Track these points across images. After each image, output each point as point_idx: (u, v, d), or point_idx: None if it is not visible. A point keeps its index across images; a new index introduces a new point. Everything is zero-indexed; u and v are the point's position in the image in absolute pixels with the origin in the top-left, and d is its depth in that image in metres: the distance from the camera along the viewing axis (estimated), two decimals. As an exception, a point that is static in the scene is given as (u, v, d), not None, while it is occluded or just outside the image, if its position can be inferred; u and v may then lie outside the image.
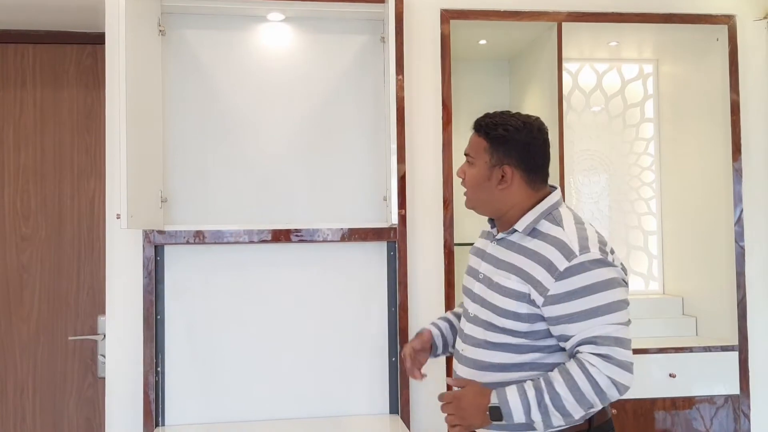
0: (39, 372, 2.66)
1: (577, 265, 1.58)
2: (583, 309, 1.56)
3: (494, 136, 1.72)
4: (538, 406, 1.55)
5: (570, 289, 1.57)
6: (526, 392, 1.57)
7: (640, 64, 3.36)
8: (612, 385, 1.54)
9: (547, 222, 1.69)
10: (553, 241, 1.63)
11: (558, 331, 1.61)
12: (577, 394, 1.54)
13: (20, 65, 2.71)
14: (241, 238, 2.34)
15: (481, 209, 1.80)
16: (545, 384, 1.56)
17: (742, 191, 2.81)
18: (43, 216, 2.69)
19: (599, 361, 1.54)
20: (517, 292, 1.64)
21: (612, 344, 1.55)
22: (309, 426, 2.35)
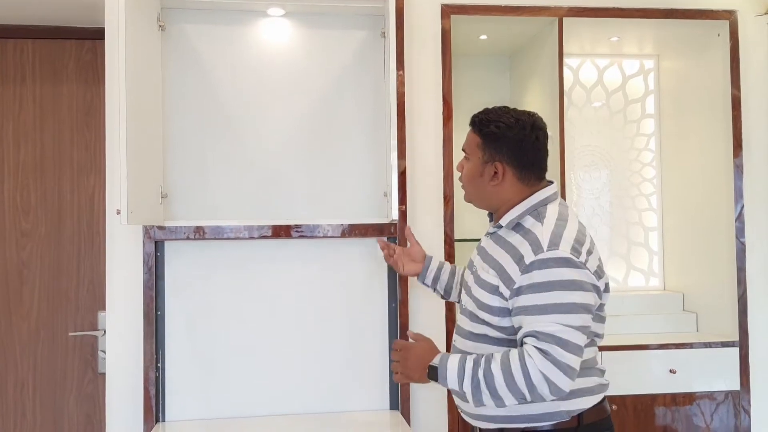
0: (39, 368, 2.66)
1: (540, 260, 1.60)
2: (537, 304, 1.58)
3: (486, 133, 1.75)
4: (471, 379, 1.59)
5: (530, 283, 1.60)
6: (465, 362, 1.62)
7: (641, 60, 3.36)
8: (544, 381, 1.53)
9: (531, 218, 1.71)
10: (528, 236, 1.66)
11: (516, 321, 1.64)
12: (509, 378, 1.55)
13: (19, 60, 2.70)
14: (241, 234, 2.33)
15: (477, 203, 1.86)
16: (484, 361, 1.60)
17: (743, 187, 2.81)
18: (43, 212, 2.69)
19: (537, 355, 1.54)
20: (491, 285, 1.69)
21: (552, 342, 1.54)
22: (309, 421, 2.35)
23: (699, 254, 3.07)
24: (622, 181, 3.36)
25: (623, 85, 3.36)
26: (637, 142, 3.37)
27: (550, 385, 1.53)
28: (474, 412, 1.77)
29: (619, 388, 2.72)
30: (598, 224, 3.33)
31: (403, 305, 2.43)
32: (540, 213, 1.71)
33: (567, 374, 1.53)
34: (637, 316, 3.07)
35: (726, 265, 2.87)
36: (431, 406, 2.51)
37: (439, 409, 2.51)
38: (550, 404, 1.66)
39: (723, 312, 2.89)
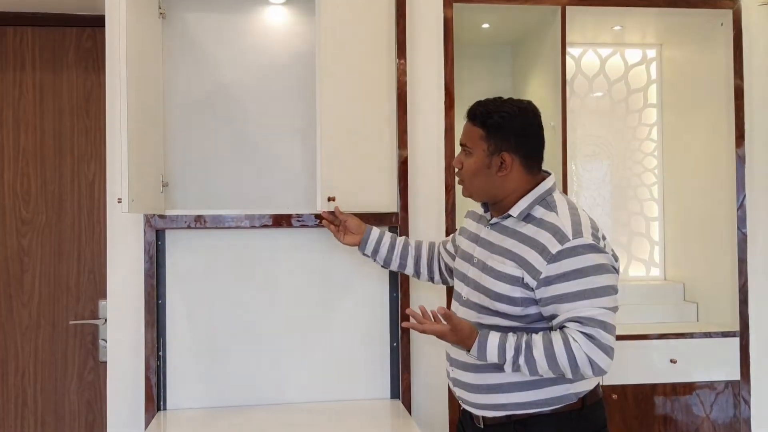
0: (40, 356, 2.66)
1: (569, 248, 1.62)
2: (573, 291, 1.61)
3: (490, 124, 1.74)
4: (512, 365, 1.63)
5: (561, 272, 1.62)
6: (505, 350, 1.63)
7: (644, 49, 3.34)
8: (588, 363, 1.59)
9: (541, 208, 1.72)
10: (547, 226, 1.67)
11: (548, 311, 1.66)
12: (552, 362, 1.60)
13: (19, 48, 2.69)
14: (242, 223, 2.33)
15: (480, 196, 1.83)
16: (525, 346, 1.62)
17: (744, 177, 2.80)
18: (43, 200, 2.68)
19: (582, 339, 1.59)
20: (512, 276, 1.68)
21: (597, 326, 1.59)
22: (310, 410, 2.36)
23: (700, 244, 3.07)
24: (624, 171, 3.35)
25: (625, 74, 3.34)
26: (639, 131, 3.36)
27: (593, 366, 1.59)
28: (480, 402, 1.77)
29: (620, 378, 2.72)
30: (599, 214, 3.33)
31: (404, 295, 2.43)
32: (549, 203, 1.73)
33: (609, 355, 1.60)
34: (637, 306, 3.08)
35: (727, 255, 2.87)
36: (432, 395, 2.51)
37: (440, 398, 2.51)
38: (558, 388, 1.70)
39: (723, 302, 2.90)
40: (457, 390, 1.86)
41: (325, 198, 2.25)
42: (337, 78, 2.30)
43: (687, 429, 2.76)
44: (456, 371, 1.84)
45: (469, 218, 1.98)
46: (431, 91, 2.55)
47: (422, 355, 2.51)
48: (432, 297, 2.51)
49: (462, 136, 1.82)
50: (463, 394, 1.83)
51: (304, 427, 2.21)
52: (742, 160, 2.80)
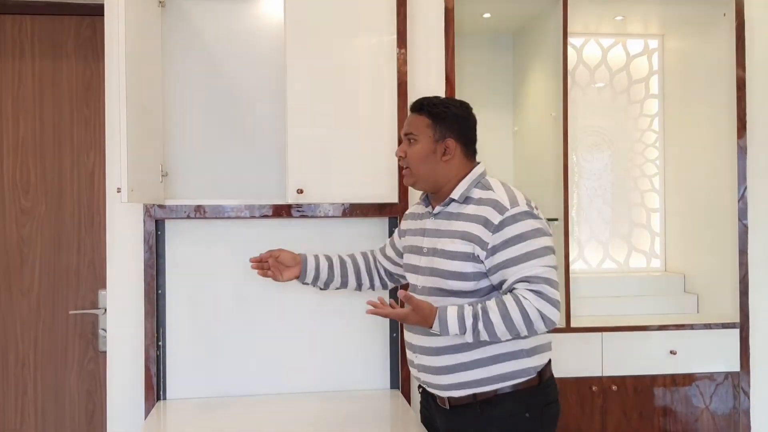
0: (40, 345, 2.66)
1: (509, 217, 1.78)
2: (517, 255, 1.75)
3: (436, 113, 1.90)
4: (472, 331, 1.72)
5: (505, 239, 1.77)
6: (464, 319, 1.73)
7: (646, 39, 3.33)
8: (540, 317, 1.71)
9: (477, 189, 1.87)
10: (487, 202, 1.83)
11: (497, 278, 1.79)
12: (508, 323, 1.71)
13: (18, 36, 2.67)
14: (242, 213, 2.33)
15: (423, 183, 1.94)
16: (482, 312, 1.72)
17: (746, 168, 2.79)
18: (43, 189, 2.67)
19: (531, 296, 1.71)
20: (463, 252, 1.81)
21: (543, 282, 1.73)
22: (309, 400, 2.36)
23: (701, 236, 3.06)
24: (625, 161, 3.34)
25: (627, 64, 3.33)
26: (640, 122, 3.35)
27: (544, 319, 1.72)
28: (446, 383, 1.86)
29: (619, 369, 2.73)
30: (600, 205, 3.32)
31: (404, 286, 2.43)
32: (484, 184, 1.88)
33: (557, 308, 1.73)
34: (638, 298, 3.08)
35: (728, 246, 2.86)
36: (431, 386, 2.51)
37: (440, 389, 2.51)
38: (518, 362, 1.82)
39: (724, 294, 2.89)
40: (423, 375, 1.93)
41: (294, 190, 2.29)
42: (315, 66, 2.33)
43: (686, 420, 2.77)
44: (420, 357, 1.91)
45: (408, 219, 2.09)
46: (432, 81, 2.53)
47: (422, 346, 2.51)
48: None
49: (406, 127, 1.95)
50: (428, 378, 1.91)
51: (304, 416, 2.22)
52: (743, 151, 2.79)
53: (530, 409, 1.84)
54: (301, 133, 2.33)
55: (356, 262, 2.20)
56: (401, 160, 1.95)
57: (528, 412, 1.84)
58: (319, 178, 2.35)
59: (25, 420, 2.65)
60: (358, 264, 2.20)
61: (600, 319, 2.87)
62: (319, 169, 2.35)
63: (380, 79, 2.40)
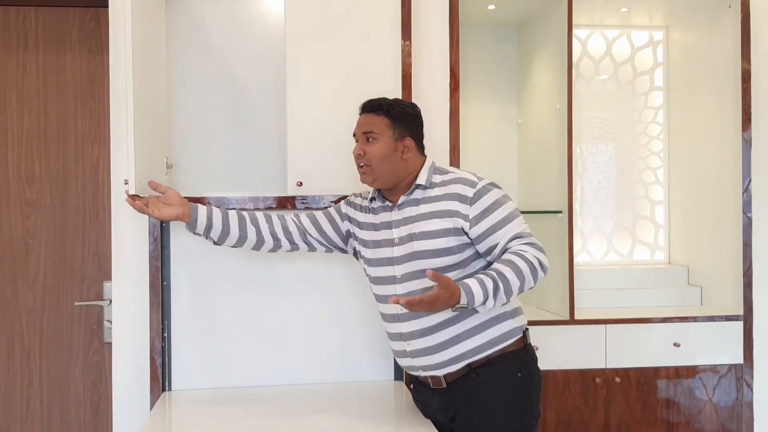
0: (45, 337, 2.67)
1: (481, 188, 1.94)
2: (500, 219, 1.91)
3: (395, 114, 2.01)
4: (494, 294, 1.79)
5: (484, 208, 1.92)
6: (485, 284, 1.79)
7: (650, 31, 3.32)
8: (540, 265, 1.86)
9: (437, 174, 2.02)
10: (453, 181, 1.98)
11: (485, 245, 1.92)
12: (521, 277, 1.82)
13: (22, 28, 2.67)
14: (245, 205, 2.33)
15: (382, 181, 2.02)
16: (497, 274, 1.81)
17: (750, 161, 2.79)
18: (48, 181, 2.68)
19: (529, 248, 1.87)
20: (444, 229, 1.93)
21: (530, 236, 1.91)
22: (313, 392, 2.37)
23: (705, 228, 3.06)
24: (629, 154, 3.34)
25: (632, 57, 3.32)
26: (644, 114, 3.34)
27: (542, 266, 1.87)
28: (443, 360, 1.95)
29: (623, 361, 2.74)
30: (604, 197, 3.32)
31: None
32: (440, 169, 2.04)
33: (545, 253, 1.90)
34: (641, 290, 3.08)
35: (732, 239, 2.86)
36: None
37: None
38: (504, 325, 1.96)
39: (728, 286, 2.90)
40: (418, 360, 1.99)
41: (294, 182, 2.32)
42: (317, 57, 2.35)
43: (689, 412, 2.78)
44: (414, 342, 1.98)
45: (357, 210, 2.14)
46: (436, 73, 2.53)
47: (426, 338, 2.52)
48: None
49: (363, 127, 2.03)
50: (425, 361, 1.98)
51: (308, 408, 2.22)
52: (748, 143, 2.78)
53: (521, 369, 1.97)
54: (302, 125, 2.34)
55: (255, 218, 2.13)
56: (359, 158, 2.02)
57: (520, 372, 1.96)
58: (319, 170, 2.35)
59: (31, 411, 2.67)
60: (257, 220, 2.12)
61: (604, 312, 2.87)
62: (320, 161, 2.35)
63: (384, 72, 2.40)
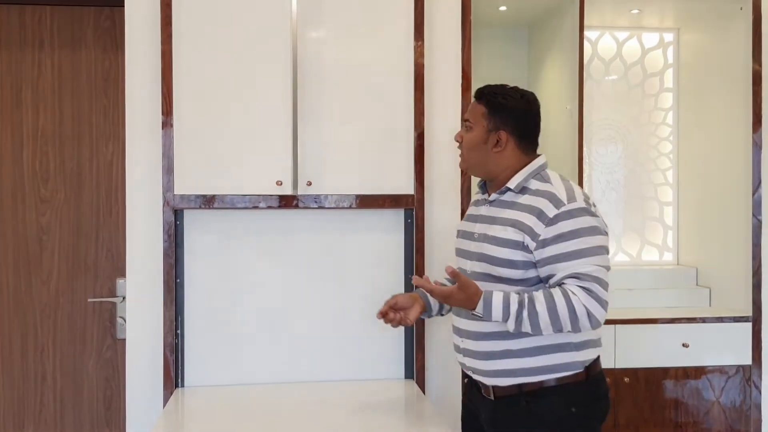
0: (59, 332, 2.70)
1: (564, 212, 1.76)
2: (570, 250, 1.74)
3: (494, 104, 1.89)
4: (515, 319, 1.71)
5: (558, 233, 1.75)
6: (509, 305, 1.72)
7: (661, 33, 3.33)
8: (586, 315, 1.70)
9: (535, 180, 1.86)
10: (543, 194, 1.81)
11: (546, 271, 1.78)
12: (553, 316, 1.70)
13: (38, 27, 2.70)
14: (258, 203, 2.34)
15: (475, 170, 1.97)
16: (528, 301, 1.72)
17: (761, 163, 2.79)
18: (62, 179, 2.70)
19: (581, 292, 1.70)
20: (513, 241, 1.80)
21: (593, 281, 1.71)
22: (325, 389, 2.38)
23: (714, 229, 3.07)
24: (638, 155, 3.35)
25: (642, 58, 3.33)
26: (654, 116, 3.35)
27: (591, 318, 1.70)
28: (492, 369, 1.85)
29: (632, 361, 2.74)
30: (613, 198, 3.33)
31: (419, 275, 2.44)
32: (542, 176, 1.87)
33: (604, 308, 1.71)
34: (650, 291, 3.09)
35: (741, 240, 2.87)
36: (446, 376, 2.53)
37: (454, 379, 2.53)
38: (565, 355, 1.81)
39: (736, 287, 2.90)
40: (468, 360, 1.92)
41: (304, 182, 2.33)
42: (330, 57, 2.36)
43: (697, 412, 2.79)
44: (466, 341, 1.91)
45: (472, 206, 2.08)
46: (448, 73, 2.54)
47: (436, 335, 2.53)
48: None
49: (466, 113, 1.96)
50: (474, 364, 1.90)
51: (320, 405, 2.24)
52: (758, 145, 2.79)
53: (576, 405, 1.82)
54: (314, 124, 2.34)
55: None
56: (459, 144, 1.96)
57: (574, 407, 1.81)
58: (332, 169, 2.36)
59: (44, 406, 2.69)
60: None
61: (613, 312, 2.86)
62: (332, 161, 2.36)
63: (397, 72, 2.40)
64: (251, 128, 2.37)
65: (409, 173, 2.41)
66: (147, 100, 2.41)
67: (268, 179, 2.40)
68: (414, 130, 2.40)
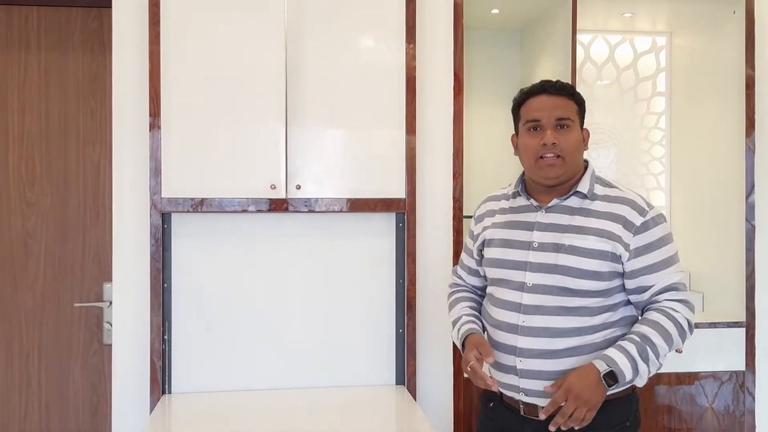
0: (44, 338, 2.66)
1: (651, 219, 1.71)
2: (660, 260, 1.71)
3: (579, 99, 1.80)
4: (641, 359, 1.64)
5: (648, 242, 1.70)
6: (628, 350, 1.64)
7: (654, 37, 3.32)
8: (688, 326, 1.70)
9: (599, 185, 1.79)
10: (620, 200, 1.74)
11: (635, 283, 1.72)
12: (669, 341, 1.67)
13: (24, 28, 2.66)
14: (247, 207, 2.31)
15: (568, 176, 1.78)
16: (640, 338, 1.65)
17: (754, 167, 2.78)
18: (48, 182, 2.67)
19: (681, 307, 1.69)
20: (599, 251, 1.71)
21: (684, 290, 1.73)
22: (315, 396, 2.36)
23: (707, 234, 3.05)
24: (631, 159, 3.33)
25: (635, 62, 3.32)
26: (647, 120, 3.34)
27: (690, 327, 1.71)
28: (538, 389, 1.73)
29: (625, 367, 2.72)
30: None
31: (411, 281, 2.42)
32: (602, 180, 1.81)
33: (694, 311, 1.73)
34: (643, 296, 3.06)
35: (734, 245, 2.85)
36: (437, 382, 2.51)
37: (446, 385, 2.51)
38: None
39: (730, 293, 2.89)
40: (524, 382, 1.75)
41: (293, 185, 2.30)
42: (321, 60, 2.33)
43: (690, 418, 2.77)
44: (528, 361, 1.74)
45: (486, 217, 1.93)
46: (440, 76, 2.52)
47: (428, 342, 2.51)
48: (437, 284, 2.50)
49: (556, 111, 1.75)
50: (532, 385, 1.75)
51: (309, 412, 2.21)
52: (751, 150, 2.78)
53: (629, 418, 1.77)
54: (304, 127, 2.32)
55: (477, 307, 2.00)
56: (552, 148, 1.73)
57: (628, 421, 1.76)
58: (322, 173, 2.33)
59: (29, 413, 2.65)
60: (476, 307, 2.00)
61: (605, 317, 2.86)
62: (323, 164, 2.34)
63: (389, 75, 2.38)
64: (241, 130, 2.34)
65: (400, 177, 2.38)
66: (135, 102, 2.38)
67: (258, 182, 2.37)
68: (406, 134, 2.38)
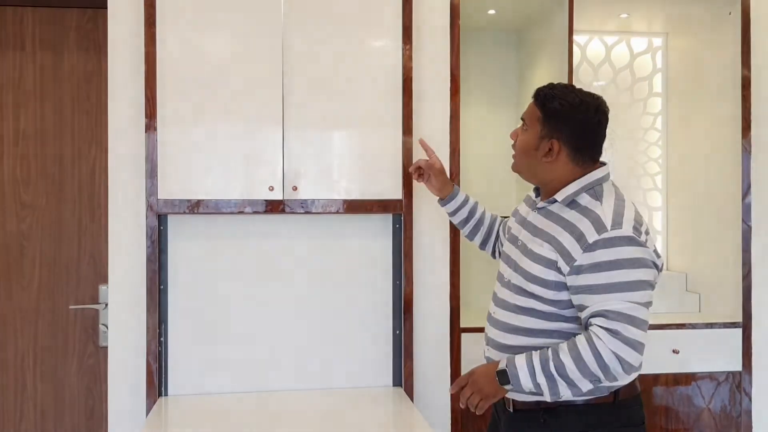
0: (40, 340, 2.64)
1: (605, 239, 1.60)
2: (604, 283, 1.58)
3: (549, 109, 1.73)
4: (542, 371, 1.59)
5: (594, 262, 1.60)
6: (532, 358, 1.62)
7: (650, 38, 3.32)
8: (616, 360, 1.55)
9: (587, 196, 1.70)
10: (588, 214, 1.65)
11: (576, 300, 1.65)
12: (580, 365, 1.57)
13: (19, 28, 2.65)
14: (243, 208, 2.30)
15: (524, 175, 1.85)
16: (552, 352, 1.60)
17: (750, 168, 2.78)
18: (43, 183, 2.65)
19: (606, 335, 1.56)
20: (547, 259, 1.67)
21: (623, 321, 1.56)
22: (311, 397, 2.35)
23: (703, 235, 3.06)
24: (627, 160, 3.34)
25: (631, 62, 3.32)
26: (643, 121, 3.34)
27: (622, 362, 1.56)
28: None
29: (622, 368, 2.72)
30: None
31: (408, 282, 2.42)
32: (597, 192, 1.71)
33: (637, 350, 1.56)
34: (639, 296, 3.07)
35: (730, 246, 2.86)
36: (434, 383, 2.51)
37: (442, 386, 2.51)
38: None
39: (726, 293, 2.89)
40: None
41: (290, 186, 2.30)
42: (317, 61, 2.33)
43: (687, 419, 2.77)
44: (490, 351, 1.84)
45: (523, 202, 1.96)
46: (437, 77, 2.52)
47: (425, 343, 2.51)
48: (435, 284, 2.50)
49: (525, 112, 1.82)
50: None
51: (306, 414, 2.21)
52: (747, 150, 2.78)
53: (598, 428, 1.68)
54: (301, 128, 2.31)
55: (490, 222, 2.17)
56: (513, 143, 1.85)
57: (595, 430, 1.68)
58: (319, 174, 2.32)
59: (24, 415, 2.64)
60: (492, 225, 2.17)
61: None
62: (320, 165, 2.33)
63: (385, 75, 2.37)
64: (237, 132, 2.33)
65: (397, 178, 2.37)
66: (130, 103, 2.37)
67: (254, 184, 2.36)
68: (402, 135, 2.37)
